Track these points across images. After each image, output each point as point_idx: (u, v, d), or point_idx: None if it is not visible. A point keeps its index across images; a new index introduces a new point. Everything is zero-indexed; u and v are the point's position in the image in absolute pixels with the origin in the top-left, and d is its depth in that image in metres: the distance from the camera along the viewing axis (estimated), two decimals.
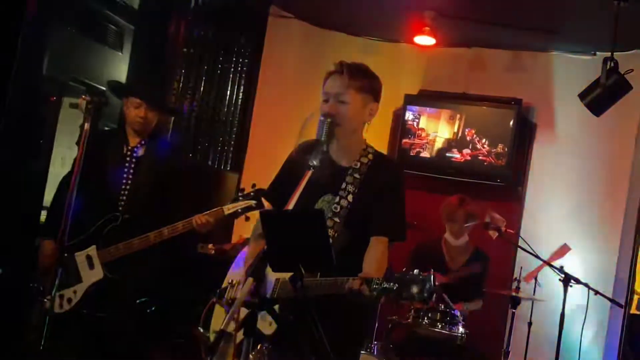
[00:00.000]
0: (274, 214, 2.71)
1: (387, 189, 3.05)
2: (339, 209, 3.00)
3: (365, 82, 3.03)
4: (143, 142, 4.43)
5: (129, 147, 4.42)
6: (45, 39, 5.01)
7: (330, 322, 2.71)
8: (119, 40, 5.84)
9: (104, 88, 5.56)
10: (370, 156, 3.10)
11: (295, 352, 2.56)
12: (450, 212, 5.43)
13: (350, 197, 3.01)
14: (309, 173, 2.75)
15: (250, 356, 2.64)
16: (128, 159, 4.39)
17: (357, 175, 3.05)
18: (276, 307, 2.80)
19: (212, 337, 3.28)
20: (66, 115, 5.67)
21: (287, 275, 2.55)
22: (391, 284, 2.59)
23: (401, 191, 3.11)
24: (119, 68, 5.87)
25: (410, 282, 2.56)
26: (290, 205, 2.62)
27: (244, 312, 2.48)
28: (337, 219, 2.99)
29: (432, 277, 2.54)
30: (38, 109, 5.14)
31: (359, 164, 3.07)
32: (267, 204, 3.34)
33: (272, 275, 2.89)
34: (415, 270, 2.57)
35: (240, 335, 2.49)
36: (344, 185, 3.03)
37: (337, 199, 3.02)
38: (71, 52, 5.44)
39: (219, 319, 3.26)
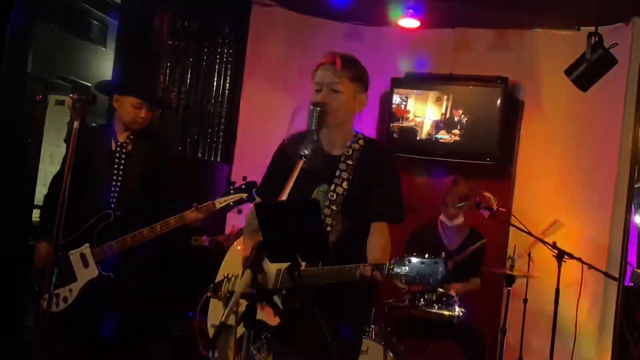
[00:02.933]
0: (268, 205, 2.72)
1: (381, 173, 3.08)
2: (335, 197, 3.02)
3: (356, 71, 3.07)
4: (132, 137, 4.42)
5: (118, 143, 4.40)
6: (30, 38, 5.00)
7: (333, 310, 2.74)
8: (103, 35, 5.83)
9: (89, 84, 5.55)
10: (361, 142, 3.12)
11: (298, 342, 2.57)
12: (442, 196, 5.47)
13: (345, 184, 3.03)
14: (301, 162, 2.76)
15: (251, 348, 2.65)
16: (118, 154, 4.38)
17: (349, 162, 3.06)
18: (280, 297, 2.82)
19: (209, 330, 3.29)
20: (53, 113, 5.66)
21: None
22: (404, 269, 2.61)
23: (395, 174, 3.13)
24: (104, 63, 5.86)
25: (424, 267, 2.58)
26: (284, 196, 2.63)
27: (244, 305, 2.49)
28: (334, 207, 3.01)
29: (445, 261, 2.56)
30: (25, 108, 5.13)
31: (350, 151, 3.09)
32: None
33: (273, 267, 2.91)
34: (426, 255, 2.59)
35: (240, 329, 2.50)
36: (338, 173, 3.05)
37: (333, 187, 3.03)
38: (55, 50, 5.42)
39: (215, 313, 3.27)
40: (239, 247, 3.33)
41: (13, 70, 4.95)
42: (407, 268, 2.60)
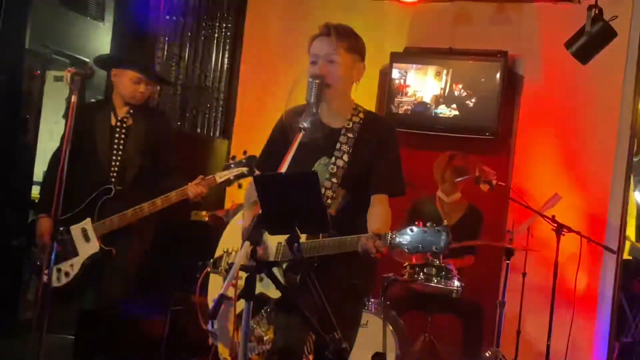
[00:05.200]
0: (267, 177, 2.72)
1: (382, 146, 3.07)
2: (335, 170, 3.02)
3: (352, 41, 3.05)
4: (131, 112, 4.42)
5: (118, 118, 4.40)
6: (27, 13, 4.97)
7: (333, 282, 2.74)
8: (100, 10, 5.78)
9: (87, 60, 5.53)
10: (361, 115, 3.11)
11: (298, 314, 2.58)
12: (440, 171, 5.47)
13: (345, 157, 3.03)
14: (300, 135, 2.76)
15: (252, 322, 2.66)
16: (118, 129, 4.38)
17: (350, 135, 3.06)
18: (280, 270, 2.83)
19: (210, 305, 3.30)
20: (51, 89, 5.64)
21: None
22: (406, 237, 2.62)
23: (395, 147, 3.13)
24: (102, 39, 5.81)
25: (426, 234, 2.59)
26: (283, 168, 2.64)
27: (244, 278, 2.49)
28: (334, 180, 3.01)
29: (447, 228, 2.57)
30: (23, 83, 5.11)
31: (351, 124, 3.08)
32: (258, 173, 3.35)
33: (272, 241, 2.91)
34: (428, 223, 2.60)
35: (240, 305, 2.50)
36: (338, 146, 3.04)
37: (333, 159, 3.03)
38: (53, 25, 5.39)
39: (215, 288, 3.28)
40: (238, 222, 3.34)
41: (10, 45, 4.93)
42: (409, 237, 2.62)
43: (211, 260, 3.30)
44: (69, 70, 3.59)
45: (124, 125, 4.39)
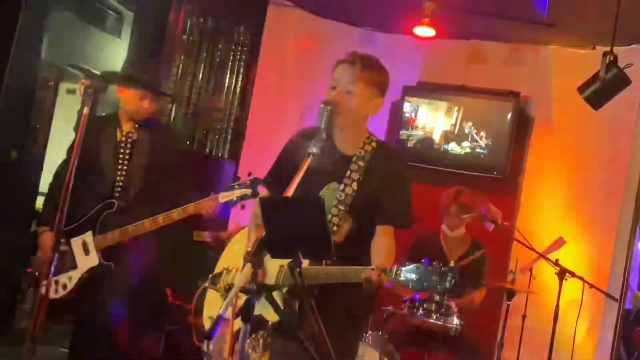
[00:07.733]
0: (273, 200, 2.71)
1: (392, 176, 3.06)
2: (343, 197, 3.00)
3: (375, 75, 3.03)
4: (137, 127, 4.42)
5: (124, 133, 4.40)
6: (44, 24, 5.01)
7: (332, 311, 2.72)
8: (118, 26, 5.83)
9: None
10: (373, 144, 3.09)
11: (295, 340, 2.55)
12: (445, 205, 5.45)
13: (355, 185, 3.01)
14: (309, 160, 2.74)
15: (247, 345, 2.63)
16: (123, 144, 4.38)
17: (361, 163, 3.04)
18: (280, 295, 2.80)
19: (205, 322, 3.27)
20: (62, 101, 5.66)
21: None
22: (412, 274, 2.59)
23: (406, 179, 3.12)
24: (118, 54, 5.86)
25: (432, 273, 2.56)
26: (290, 192, 2.62)
27: (242, 298, 2.47)
28: (341, 207, 2.99)
29: (453, 269, 2.54)
30: (35, 93, 5.13)
31: (363, 152, 3.06)
32: (264, 191, 3.34)
33: (273, 264, 2.89)
34: (434, 262, 2.57)
35: (237, 324, 2.48)
36: (348, 173, 3.03)
37: (342, 186, 3.01)
38: (69, 38, 5.43)
39: (212, 304, 3.26)
40: (239, 240, 3.32)
41: (26, 55, 4.95)
42: (414, 274, 2.59)
43: (210, 276, 3.28)
44: (82, 82, 3.59)
45: (129, 140, 4.39)
